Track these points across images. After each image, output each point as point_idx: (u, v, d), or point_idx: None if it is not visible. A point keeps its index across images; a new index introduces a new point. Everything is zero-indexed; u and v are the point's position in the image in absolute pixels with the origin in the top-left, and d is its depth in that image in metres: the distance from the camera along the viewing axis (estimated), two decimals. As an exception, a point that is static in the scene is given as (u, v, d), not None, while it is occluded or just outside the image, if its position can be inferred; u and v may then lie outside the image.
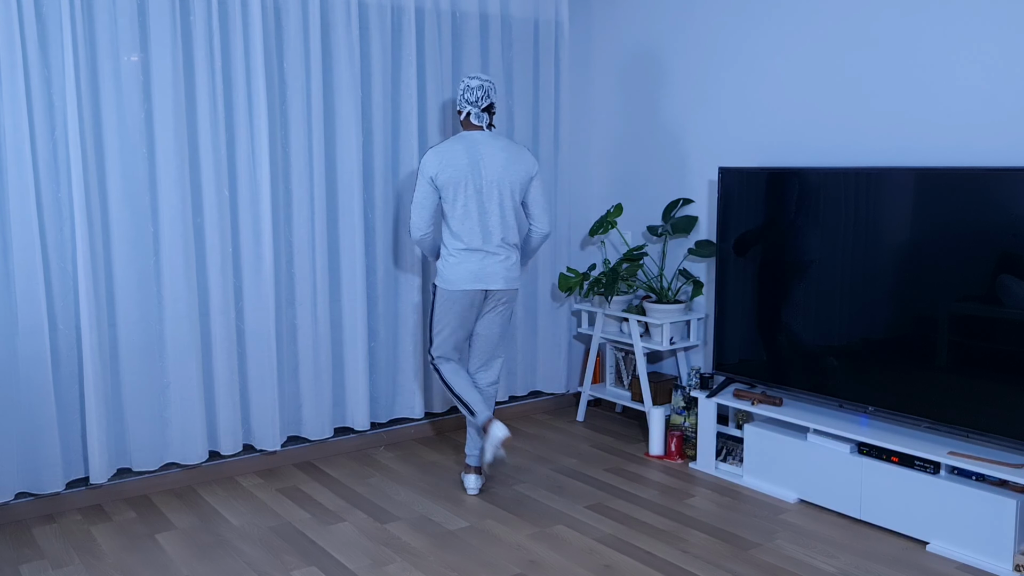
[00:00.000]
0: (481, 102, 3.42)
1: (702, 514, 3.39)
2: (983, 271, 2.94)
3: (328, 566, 2.97)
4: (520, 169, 3.44)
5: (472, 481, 3.61)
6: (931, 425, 3.20)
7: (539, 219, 3.55)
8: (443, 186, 3.38)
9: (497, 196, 3.41)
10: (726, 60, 4.05)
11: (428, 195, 3.41)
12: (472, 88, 3.42)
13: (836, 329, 3.38)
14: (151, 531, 3.27)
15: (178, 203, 3.54)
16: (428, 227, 3.45)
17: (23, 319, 3.28)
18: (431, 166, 3.38)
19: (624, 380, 4.59)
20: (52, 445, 3.36)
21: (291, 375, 3.97)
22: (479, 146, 3.41)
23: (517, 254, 3.51)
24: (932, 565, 2.95)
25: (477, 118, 3.44)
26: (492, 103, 3.47)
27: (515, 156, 3.44)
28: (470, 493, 3.61)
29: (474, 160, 3.39)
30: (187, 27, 3.53)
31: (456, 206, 3.39)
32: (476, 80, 3.43)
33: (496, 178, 3.40)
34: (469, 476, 3.62)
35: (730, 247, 3.74)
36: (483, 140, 3.43)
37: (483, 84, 3.42)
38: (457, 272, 3.41)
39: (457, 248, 3.42)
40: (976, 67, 3.14)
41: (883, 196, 3.19)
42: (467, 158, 3.38)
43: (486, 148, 3.41)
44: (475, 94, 3.41)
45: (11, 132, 3.19)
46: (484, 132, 3.45)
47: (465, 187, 3.38)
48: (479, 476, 3.62)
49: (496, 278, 3.44)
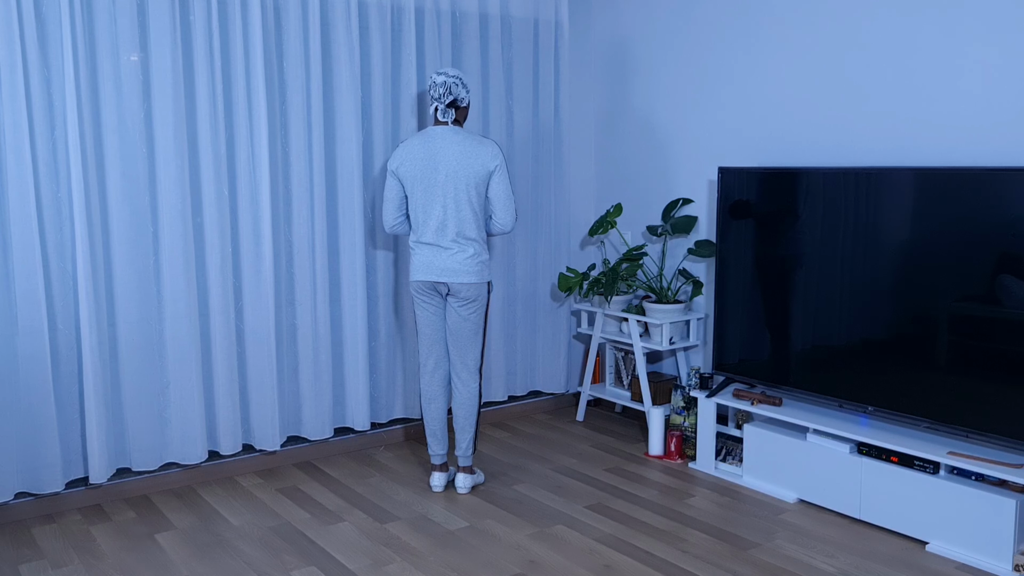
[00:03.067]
0: (444, 98, 3.41)
1: (702, 514, 3.39)
2: (983, 271, 2.94)
3: (328, 566, 2.97)
4: (476, 163, 3.39)
5: (435, 479, 3.66)
6: (931, 425, 3.20)
7: (499, 214, 3.49)
8: (403, 180, 3.45)
9: (452, 191, 3.39)
10: (726, 60, 4.05)
11: (391, 188, 3.51)
12: (436, 84, 3.41)
13: (836, 329, 3.38)
14: (151, 531, 3.27)
15: (178, 203, 3.53)
16: (395, 219, 3.54)
17: (23, 319, 3.28)
18: (394, 160, 3.47)
19: (624, 380, 4.60)
20: (52, 445, 3.36)
21: (291, 375, 3.97)
22: (436, 140, 3.41)
23: (476, 248, 3.45)
24: (932, 565, 2.95)
25: (443, 114, 3.44)
26: (455, 99, 3.42)
27: (472, 150, 3.40)
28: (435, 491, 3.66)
29: (430, 154, 3.40)
30: (187, 27, 3.53)
31: (414, 200, 3.44)
32: (441, 76, 3.41)
33: (451, 172, 3.38)
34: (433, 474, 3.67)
35: (730, 247, 3.74)
36: (441, 135, 3.42)
37: (447, 80, 3.40)
38: (414, 263, 3.49)
39: (414, 240, 3.50)
40: (976, 67, 3.14)
41: (883, 196, 3.19)
42: (424, 152, 3.40)
43: (442, 142, 3.40)
44: (438, 90, 3.41)
45: (11, 132, 3.18)
46: (446, 127, 3.44)
47: (421, 181, 3.40)
48: (443, 473, 3.67)
49: (449, 271, 3.43)
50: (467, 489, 3.62)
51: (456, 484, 3.64)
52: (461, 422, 3.59)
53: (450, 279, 3.43)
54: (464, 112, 3.51)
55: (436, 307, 3.53)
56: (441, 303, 3.53)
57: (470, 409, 3.58)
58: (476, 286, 3.46)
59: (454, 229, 3.41)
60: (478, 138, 3.46)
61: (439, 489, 3.64)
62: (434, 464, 3.67)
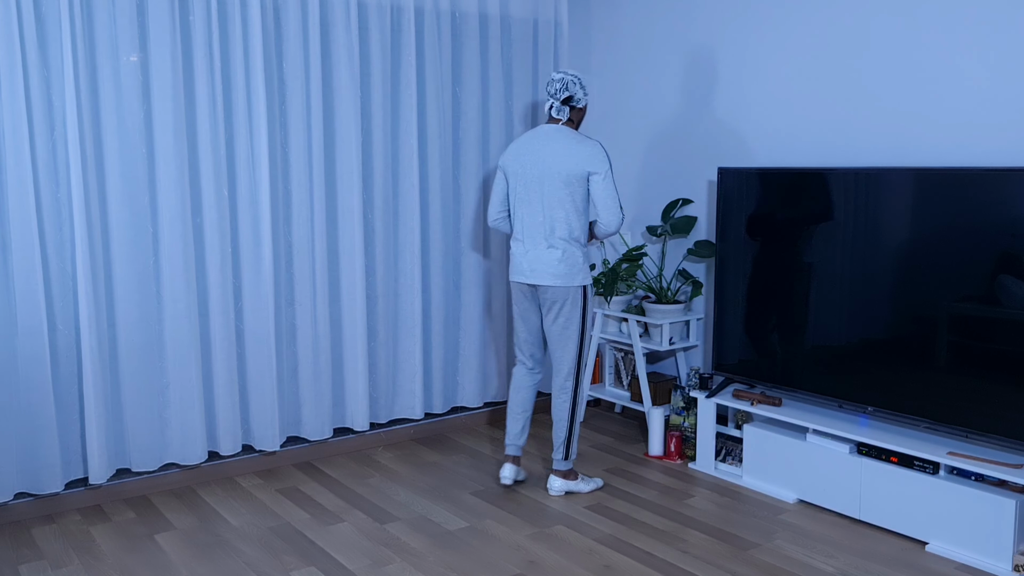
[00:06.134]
0: (559, 94, 3.39)
1: (701, 514, 3.39)
2: (983, 271, 2.94)
3: (327, 566, 2.97)
4: (572, 163, 3.33)
5: (507, 471, 3.64)
6: (930, 425, 3.20)
7: (602, 216, 3.41)
8: (509, 176, 3.47)
9: (548, 189, 3.36)
10: (725, 60, 4.05)
11: (498, 183, 3.56)
12: (553, 80, 3.40)
13: (836, 329, 3.38)
14: (150, 531, 3.27)
15: (177, 203, 3.53)
16: (497, 215, 3.57)
17: (22, 319, 3.27)
18: (504, 156, 3.51)
19: (623, 380, 4.60)
20: (51, 445, 3.36)
21: (290, 375, 3.97)
22: (541, 138, 3.40)
23: (568, 249, 3.38)
24: (931, 565, 2.95)
25: (557, 111, 3.42)
26: (571, 96, 3.39)
27: (571, 149, 3.34)
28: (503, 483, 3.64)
29: (532, 151, 3.39)
30: (186, 27, 3.53)
31: (516, 197, 3.45)
32: (560, 73, 3.41)
33: (547, 170, 3.35)
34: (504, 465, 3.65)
35: (729, 247, 3.74)
36: (547, 133, 3.40)
37: (564, 77, 3.39)
38: (512, 263, 3.51)
39: (513, 239, 3.51)
40: (976, 67, 3.14)
41: (883, 196, 3.19)
42: (527, 149, 3.41)
43: (546, 140, 3.38)
44: (554, 86, 3.39)
45: (11, 132, 3.18)
46: (554, 126, 3.41)
47: (522, 178, 3.40)
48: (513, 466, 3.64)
49: (536, 273, 3.41)
50: (559, 492, 3.56)
51: (548, 486, 3.59)
52: (554, 424, 3.56)
53: (536, 281, 3.41)
54: (579, 113, 3.48)
55: (527, 306, 3.53)
56: (533, 303, 3.52)
57: (560, 412, 3.52)
58: (562, 289, 3.39)
59: (545, 229, 3.39)
60: (582, 137, 3.39)
61: (507, 482, 3.61)
62: (505, 454, 3.66)
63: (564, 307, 3.41)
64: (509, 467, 3.62)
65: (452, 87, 4.28)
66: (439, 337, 4.35)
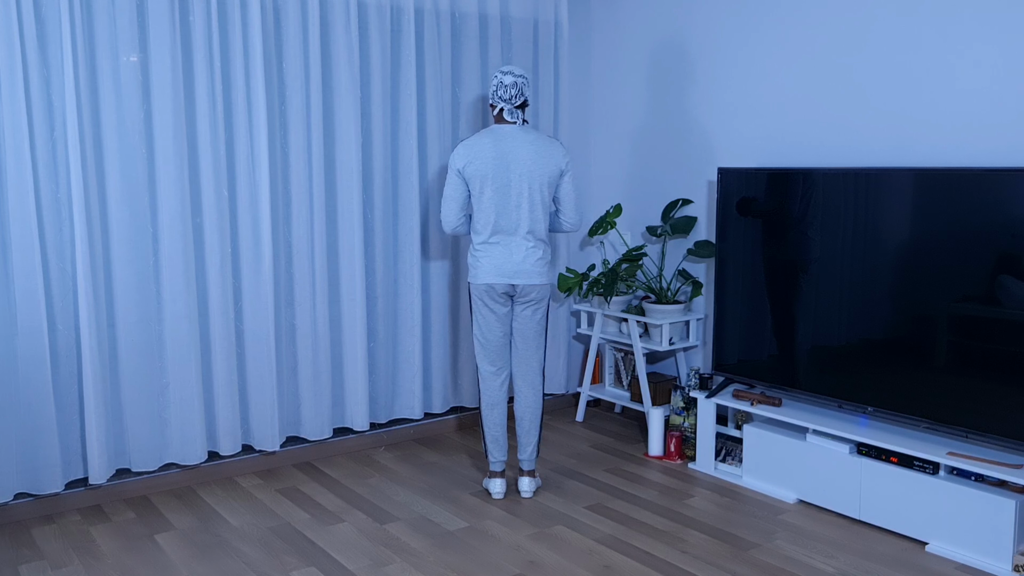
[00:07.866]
0: (515, 99, 3.39)
1: (701, 514, 3.39)
2: (982, 271, 2.94)
3: (327, 567, 2.97)
4: (550, 163, 3.38)
5: (496, 486, 3.58)
6: (930, 425, 3.20)
7: (568, 214, 3.49)
8: (470, 179, 3.37)
9: (527, 190, 3.36)
10: (725, 60, 4.05)
11: (456, 187, 3.41)
12: (506, 86, 3.37)
13: (836, 329, 3.38)
14: (150, 532, 3.27)
15: (177, 203, 3.53)
16: (458, 220, 3.46)
17: (22, 319, 3.27)
18: (459, 159, 3.38)
19: (623, 380, 4.60)
20: (51, 445, 3.36)
21: (290, 375, 3.97)
22: (508, 140, 3.37)
23: (544, 249, 3.44)
24: (931, 565, 2.96)
25: (511, 114, 3.41)
26: (526, 99, 3.41)
27: (544, 150, 3.38)
28: (495, 498, 3.58)
29: (502, 154, 3.36)
30: (186, 27, 3.53)
31: (483, 200, 3.38)
32: (510, 77, 3.38)
33: (525, 171, 3.35)
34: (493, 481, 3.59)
35: (729, 247, 3.75)
36: (512, 134, 3.38)
37: (516, 81, 3.38)
38: (482, 265, 3.42)
39: (480, 242, 3.42)
40: (976, 68, 3.14)
41: (883, 196, 3.19)
42: (495, 151, 3.36)
43: (515, 142, 3.37)
44: (509, 91, 3.37)
45: (11, 132, 3.18)
46: (515, 126, 3.41)
47: (492, 180, 3.35)
48: (504, 480, 3.61)
49: (520, 273, 3.40)
50: (532, 493, 3.57)
51: (521, 489, 3.57)
52: (526, 426, 3.54)
53: (521, 281, 3.40)
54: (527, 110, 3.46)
55: (503, 311, 3.47)
56: (508, 307, 3.48)
57: (535, 412, 3.54)
58: (545, 287, 3.46)
59: (526, 229, 3.39)
60: (547, 137, 3.44)
61: (500, 496, 3.56)
62: (495, 471, 3.59)
63: (542, 304, 3.49)
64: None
65: (452, 87, 4.29)
66: (439, 337, 4.35)
